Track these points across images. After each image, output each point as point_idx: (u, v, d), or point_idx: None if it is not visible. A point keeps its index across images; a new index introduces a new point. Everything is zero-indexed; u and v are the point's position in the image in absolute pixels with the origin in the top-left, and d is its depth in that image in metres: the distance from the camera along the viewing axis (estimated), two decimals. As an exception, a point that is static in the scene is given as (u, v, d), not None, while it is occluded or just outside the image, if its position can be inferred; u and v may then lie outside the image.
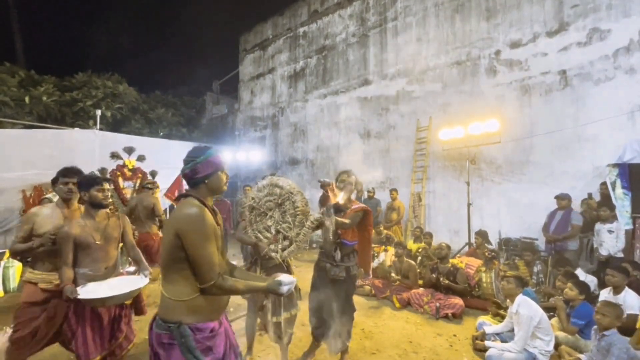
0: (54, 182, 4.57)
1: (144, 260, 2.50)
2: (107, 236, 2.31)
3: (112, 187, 5.62)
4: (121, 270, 2.60)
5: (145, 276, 2.33)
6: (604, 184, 4.93)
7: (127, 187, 5.98)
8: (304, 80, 10.36)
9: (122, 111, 11.41)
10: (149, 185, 5.10)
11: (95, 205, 2.29)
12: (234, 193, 10.82)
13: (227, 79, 14.75)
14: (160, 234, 5.38)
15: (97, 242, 2.24)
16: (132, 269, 2.42)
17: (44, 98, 9.92)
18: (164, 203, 7.68)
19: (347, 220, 2.47)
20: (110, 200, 2.49)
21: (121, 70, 12.90)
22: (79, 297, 1.98)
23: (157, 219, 4.84)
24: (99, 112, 8.47)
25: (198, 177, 1.47)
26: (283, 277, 1.53)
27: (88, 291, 2.06)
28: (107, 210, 2.39)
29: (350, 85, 9.10)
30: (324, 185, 3.20)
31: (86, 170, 6.88)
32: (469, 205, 6.22)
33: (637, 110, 5.26)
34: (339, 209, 1.79)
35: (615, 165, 4.63)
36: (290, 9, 11.01)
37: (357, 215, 2.68)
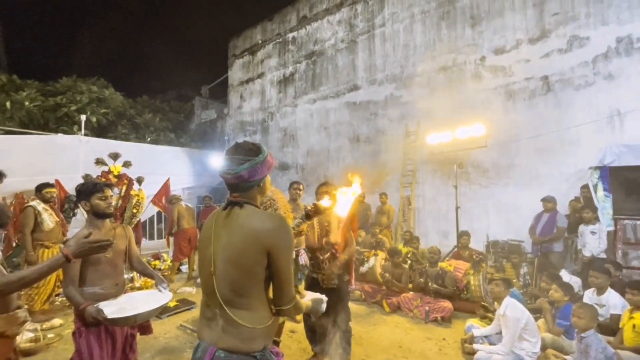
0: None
1: (156, 272, 2.32)
2: (115, 249, 2.11)
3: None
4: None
5: (165, 289, 2.13)
6: (585, 186, 5.07)
7: (113, 195, 5.84)
8: (294, 85, 10.39)
9: (108, 116, 11.21)
10: (174, 201, 6.52)
11: (99, 215, 2.10)
12: (223, 198, 10.72)
13: (216, 83, 14.67)
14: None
15: (107, 256, 2.03)
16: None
17: (27, 103, 9.68)
18: (150, 210, 7.56)
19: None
20: (113, 206, 2.32)
21: (107, 75, 12.67)
22: (109, 317, 1.76)
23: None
24: (83, 118, 8.30)
25: (255, 179, 1.25)
26: (318, 295, 1.51)
27: (112, 310, 1.85)
28: (112, 221, 2.26)
29: (339, 90, 9.16)
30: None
31: (70, 176, 6.67)
32: (457, 208, 6.30)
33: (617, 114, 5.44)
34: (308, 216, 1.74)
35: (596, 168, 4.76)
36: (280, 15, 11.05)
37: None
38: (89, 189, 2.10)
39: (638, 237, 4.79)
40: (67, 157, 7.28)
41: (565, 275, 4.10)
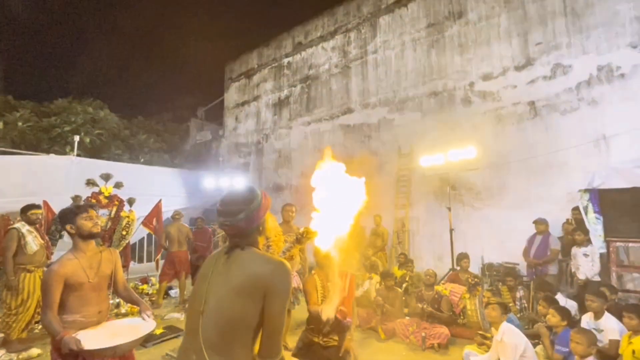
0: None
1: (141, 299, 2.22)
2: (100, 273, 2.03)
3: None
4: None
5: (149, 317, 2.03)
6: (576, 208, 5.12)
7: (102, 216, 5.72)
8: (288, 108, 10.56)
9: (102, 137, 11.20)
10: (177, 216, 6.51)
11: (85, 235, 2.02)
12: (216, 219, 10.56)
13: (212, 106, 14.87)
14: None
15: (90, 281, 1.94)
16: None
17: (20, 124, 9.64)
18: (141, 232, 7.40)
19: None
20: (102, 227, 2.24)
21: (104, 96, 12.86)
22: (86, 348, 1.65)
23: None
24: (77, 138, 8.28)
25: (253, 226, 1.24)
26: None
27: (89, 340, 1.72)
28: (98, 243, 2.18)
29: (333, 113, 9.33)
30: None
31: (59, 197, 6.55)
32: (451, 230, 6.28)
33: (602, 138, 5.60)
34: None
35: (586, 190, 4.83)
36: (276, 41, 11.41)
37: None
38: (72, 211, 2.03)
39: (631, 260, 4.81)
40: (57, 178, 7.18)
41: (561, 299, 4.05)
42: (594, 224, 4.70)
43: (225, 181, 10.67)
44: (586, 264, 4.57)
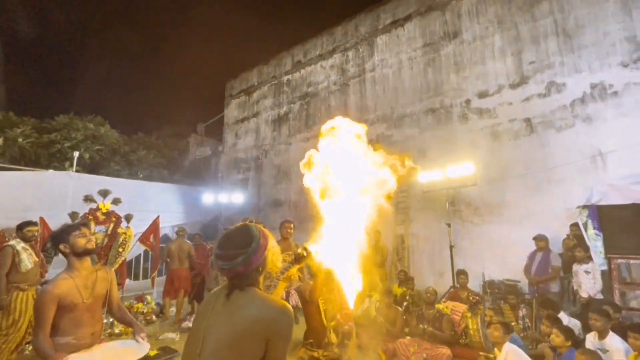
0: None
1: (135, 320, 2.19)
2: (95, 293, 1.98)
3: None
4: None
5: (143, 339, 1.98)
6: (575, 224, 5.10)
7: (99, 232, 5.67)
8: (288, 124, 10.67)
9: (102, 153, 11.24)
10: (181, 233, 6.55)
11: (80, 253, 1.99)
12: (214, 235, 10.47)
13: (212, 122, 15.02)
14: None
15: (85, 301, 1.90)
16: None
17: (20, 140, 9.69)
18: (137, 248, 7.32)
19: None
20: (98, 245, 2.21)
21: (105, 113, 12.98)
22: None
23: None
24: (76, 154, 8.31)
25: (253, 268, 1.21)
26: None
27: None
28: (94, 261, 2.15)
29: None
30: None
31: (56, 213, 6.52)
32: (451, 247, 6.23)
33: (598, 155, 5.64)
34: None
35: (584, 207, 4.83)
36: (275, 59, 11.65)
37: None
38: (64, 231, 2.01)
39: (633, 277, 4.76)
40: (55, 194, 7.16)
41: (564, 318, 3.97)
42: (594, 240, 4.68)
43: (224, 197, 10.65)
44: (588, 281, 4.52)
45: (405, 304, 5.36)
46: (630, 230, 4.47)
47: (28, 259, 4.08)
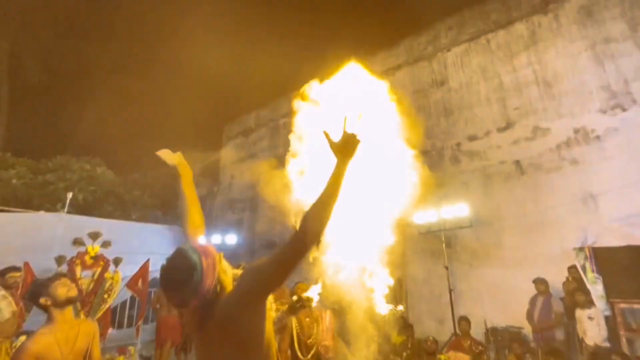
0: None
1: None
2: (76, 349, 1.88)
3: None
4: None
5: None
6: (573, 267, 5.04)
7: (85, 277, 5.46)
8: (283, 165, 10.82)
9: (96, 194, 11.18)
10: None
11: (62, 302, 1.91)
12: (205, 280, 10.10)
13: (208, 163, 15.19)
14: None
15: (64, 358, 1.80)
16: None
17: (14, 181, 9.65)
18: (124, 294, 6.99)
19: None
20: (75, 289, 2.13)
21: (103, 152, 13.10)
22: None
23: None
24: (69, 195, 8.24)
25: (210, 292, 1.12)
26: None
27: None
28: (77, 309, 2.07)
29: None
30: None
31: (44, 257, 6.30)
32: (450, 291, 6.06)
33: (589, 196, 5.74)
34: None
35: (580, 249, 4.81)
36: (273, 103, 12.13)
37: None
38: (42, 284, 1.96)
39: (639, 323, 4.61)
40: (44, 236, 6.98)
41: (572, 369, 3.77)
42: (594, 284, 4.59)
43: (217, 239, 10.45)
44: (592, 327, 4.35)
45: (405, 354, 5.07)
46: (629, 273, 4.41)
47: (6, 308, 3.86)
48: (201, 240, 1.47)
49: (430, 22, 8.62)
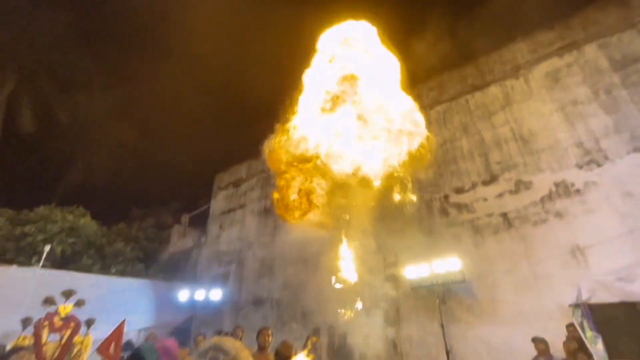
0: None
1: None
2: None
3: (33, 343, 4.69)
4: None
5: None
6: (571, 325, 4.87)
7: (52, 341, 4.98)
8: (274, 216, 10.71)
9: (76, 246, 10.71)
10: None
11: None
12: (187, 340, 9.31)
13: (197, 212, 14.97)
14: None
15: None
16: None
17: (-9, 232, 9.25)
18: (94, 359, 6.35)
19: None
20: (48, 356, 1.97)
21: (88, 202, 12.83)
22: None
23: None
24: (47, 248, 7.86)
25: None
26: None
27: None
28: None
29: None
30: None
31: (10, 317, 5.81)
32: (447, 352, 5.71)
33: (577, 249, 5.77)
34: None
35: (577, 305, 4.70)
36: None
37: None
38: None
39: (647, 388, 4.34)
40: (14, 293, 6.50)
41: None
42: (594, 344, 4.40)
43: (201, 294, 9.90)
44: (600, 394, 4.08)
45: None
46: (627, 332, 4.27)
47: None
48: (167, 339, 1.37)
49: (413, 83, 9.31)
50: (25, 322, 5.02)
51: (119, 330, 5.89)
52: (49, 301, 5.22)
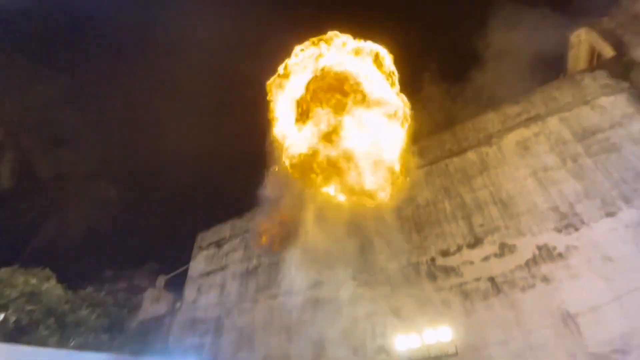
0: None
1: None
2: None
3: None
4: None
5: None
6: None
7: None
8: (256, 279, 10.19)
9: (34, 315, 9.66)
10: None
11: None
12: None
13: (174, 274, 14.09)
14: None
15: None
16: None
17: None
18: None
19: None
20: None
21: (58, 262, 11.94)
22: None
23: None
24: (0, 317, 7.05)
25: None
26: None
27: None
28: None
29: (301, 285, 9.04)
30: None
31: None
32: None
33: (568, 316, 5.63)
34: None
35: (576, 382, 4.42)
36: (249, 213, 12.22)
37: None
38: None
39: None
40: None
41: None
42: None
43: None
44: None
45: None
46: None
47: None
48: None
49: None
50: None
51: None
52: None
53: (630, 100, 6.70)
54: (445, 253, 7.37)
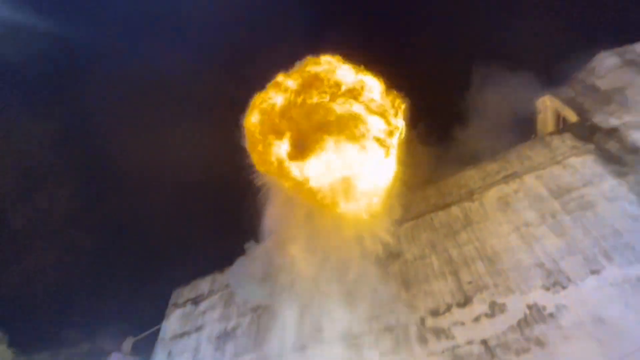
0: None
1: None
2: None
3: None
4: None
5: None
6: None
7: None
8: (234, 342, 9.38)
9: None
10: None
11: None
12: None
13: (144, 336, 12.83)
14: None
15: None
16: None
17: None
18: None
19: None
20: None
21: (14, 320, 10.74)
22: None
23: None
24: None
25: None
26: None
27: None
28: None
29: (284, 349, 8.35)
30: None
31: None
32: None
33: (567, 386, 5.30)
34: None
35: None
36: (232, 266, 11.66)
37: None
38: None
39: None
40: None
41: None
42: None
43: None
44: None
45: None
46: None
47: None
48: None
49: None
50: None
51: None
52: None
53: (597, 162, 7.13)
54: (434, 313, 7.07)
